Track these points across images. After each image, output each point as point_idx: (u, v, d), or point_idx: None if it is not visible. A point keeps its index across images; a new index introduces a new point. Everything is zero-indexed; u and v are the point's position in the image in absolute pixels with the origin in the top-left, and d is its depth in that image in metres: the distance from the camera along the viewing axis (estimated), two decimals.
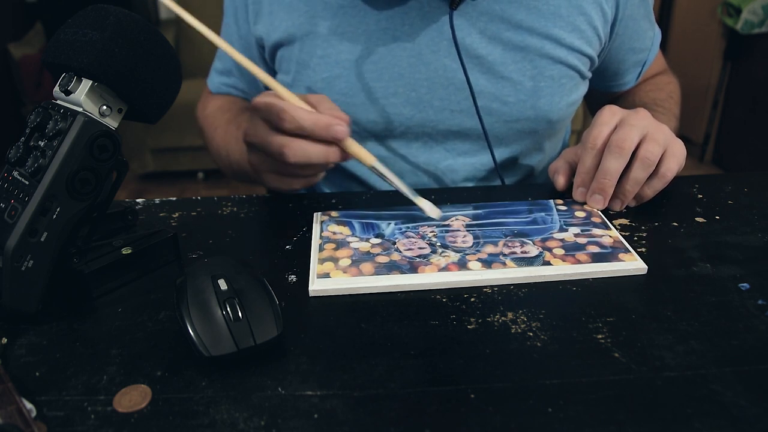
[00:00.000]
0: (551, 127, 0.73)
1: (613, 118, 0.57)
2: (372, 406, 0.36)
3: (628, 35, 0.73)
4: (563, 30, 0.67)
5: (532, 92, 0.69)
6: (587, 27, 0.68)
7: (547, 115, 0.71)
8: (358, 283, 0.47)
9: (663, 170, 0.56)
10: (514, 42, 0.67)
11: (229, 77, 0.83)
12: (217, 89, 0.85)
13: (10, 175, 0.43)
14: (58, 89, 0.43)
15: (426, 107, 0.70)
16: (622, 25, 0.71)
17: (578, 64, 0.70)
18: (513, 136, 0.72)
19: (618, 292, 0.47)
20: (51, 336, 0.43)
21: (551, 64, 0.68)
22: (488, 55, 0.67)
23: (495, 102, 0.69)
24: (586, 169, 0.58)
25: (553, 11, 0.66)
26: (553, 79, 0.69)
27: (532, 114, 0.70)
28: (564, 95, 0.71)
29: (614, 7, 0.69)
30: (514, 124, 0.71)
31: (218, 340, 0.39)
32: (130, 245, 0.49)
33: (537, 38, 0.67)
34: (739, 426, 0.35)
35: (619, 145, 0.55)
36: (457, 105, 0.69)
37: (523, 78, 0.68)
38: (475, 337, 0.42)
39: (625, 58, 0.77)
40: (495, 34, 0.66)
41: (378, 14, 0.67)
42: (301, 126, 0.52)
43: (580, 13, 0.67)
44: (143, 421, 0.36)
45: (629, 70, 0.80)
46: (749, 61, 2.43)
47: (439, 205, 0.59)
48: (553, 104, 0.70)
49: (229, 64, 0.82)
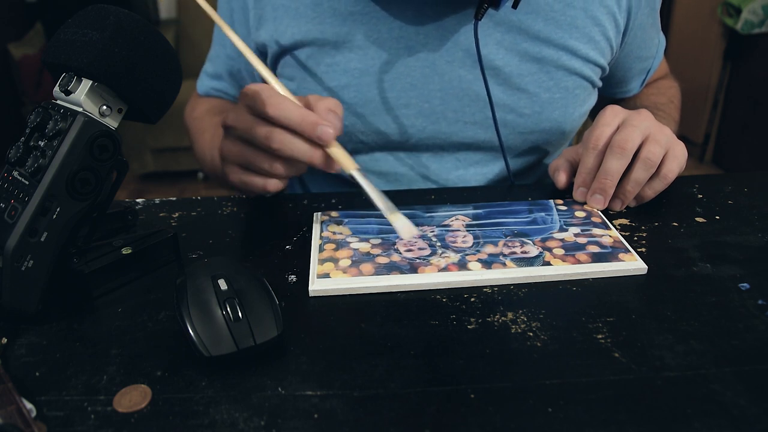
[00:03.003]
0: (563, 138, 0.73)
1: (615, 118, 0.57)
2: (372, 406, 0.36)
3: (636, 44, 0.73)
4: (579, 41, 0.67)
5: (547, 104, 0.68)
6: (601, 38, 0.68)
7: (561, 126, 0.70)
8: (358, 283, 0.47)
9: (664, 171, 0.56)
10: (531, 53, 0.66)
11: (219, 81, 0.81)
12: (207, 92, 0.83)
13: (10, 175, 0.43)
14: (58, 89, 0.43)
15: (439, 119, 0.68)
16: (631, 35, 0.71)
17: (591, 75, 0.70)
18: (526, 147, 0.72)
19: (618, 292, 0.47)
20: (51, 336, 0.43)
21: (566, 76, 0.68)
22: (505, 66, 0.66)
23: (510, 114, 0.68)
24: (588, 169, 0.58)
25: (570, 22, 0.66)
26: (568, 90, 0.69)
27: (547, 125, 0.70)
28: (577, 106, 0.71)
29: (626, 18, 0.69)
30: (528, 135, 0.70)
31: (218, 340, 0.39)
32: (130, 245, 0.49)
33: (554, 49, 0.66)
34: (739, 426, 0.35)
35: (620, 146, 0.55)
36: (471, 117, 0.68)
37: (539, 89, 0.67)
38: (475, 337, 0.42)
39: (632, 66, 0.77)
40: (512, 45, 0.66)
41: (391, 22, 0.65)
42: (288, 117, 0.50)
43: (595, 24, 0.67)
44: (143, 421, 0.36)
45: (635, 78, 0.80)
46: (749, 61, 2.43)
47: (440, 205, 0.59)
48: (567, 115, 0.70)
49: (220, 68, 0.80)
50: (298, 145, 0.50)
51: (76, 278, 0.46)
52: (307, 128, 0.49)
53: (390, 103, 0.67)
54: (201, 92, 0.84)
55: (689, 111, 0.69)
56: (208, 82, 0.83)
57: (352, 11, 0.65)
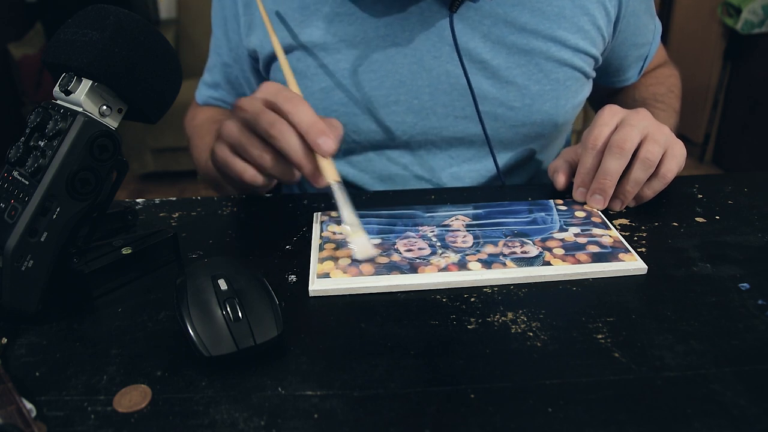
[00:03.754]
0: (556, 130, 0.73)
1: (613, 118, 0.57)
2: (372, 406, 0.36)
3: (631, 31, 0.73)
4: (568, 31, 0.67)
5: (537, 96, 0.68)
6: (591, 27, 0.68)
7: (553, 119, 0.70)
8: (358, 283, 0.47)
9: (663, 171, 0.56)
10: (519, 45, 0.66)
11: (216, 90, 0.82)
12: (205, 102, 0.84)
13: (10, 175, 0.43)
14: (58, 89, 0.43)
15: (429, 114, 0.69)
16: (624, 22, 0.71)
17: (583, 65, 0.69)
18: (519, 140, 0.72)
19: (618, 292, 0.47)
20: (51, 336, 0.43)
21: (557, 67, 0.68)
22: (492, 60, 0.66)
23: (501, 107, 0.68)
24: (587, 170, 0.58)
25: (557, 12, 0.66)
26: (559, 81, 0.68)
27: (539, 118, 0.70)
28: (570, 97, 0.70)
29: (617, 6, 0.69)
30: (520, 128, 0.70)
31: (218, 340, 0.39)
32: (130, 245, 0.49)
33: (542, 41, 0.66)
34: (739, 426, 0.35)
35: (619, 146, 0.55)
36: (462, 111, 0.69)
37: (529, 82, 0.68)
38: (475, 337, 0.42)
39: (627, 54, 0.77)
40: (499, 38, 0.66)
41: (376, 21, 0.66)
42: (301, 117, 0.49)
43: (584, 14, 0.67)
44: (143, 421, 0.36)
45: (632, 66, 0.79)
46: (749, 61, 2.43)
47: (440, 205, 0.59)
48: (559, 107, 0.70)
49: (217, 77, 0.80)
50: (295, 143, 0.50)
51: (76, 278, 0.46)
52: (313, 133, 0.49)
53: (379, 101, 0.68)
54: (200, 102, 0.85)
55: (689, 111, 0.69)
56: (206, 91, 0.83)
57: (338, 12, 0.66)
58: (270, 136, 0.50)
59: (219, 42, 0.77)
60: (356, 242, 0.50)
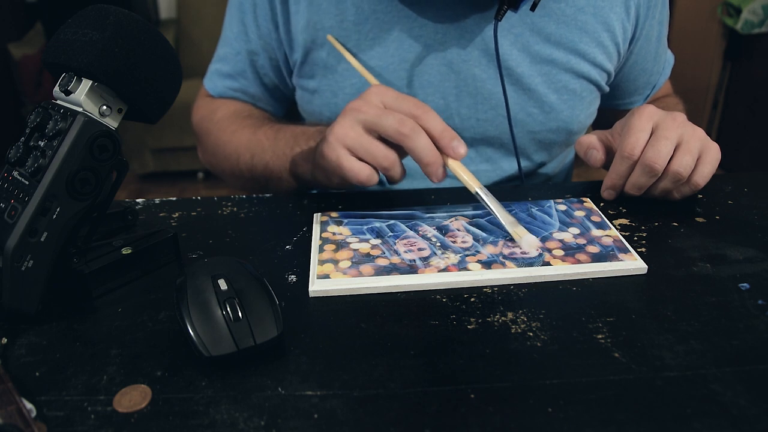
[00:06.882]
0: (569, 138, 0.74)
1: (649, 122, 0.57)
2: (372, 406, 0.36)
3: (642, 55, 0.74)
4: (588, 45, 0.68)
5: (555, 105, 0.70)
6: (610, 43, 0.69)
7: (567, 127, 0.72)
8: (358, 283, 0.47)
9: (695, 179, 0.56)
10: (543, 55, 0.68)
11: (236, 80, 0.78)
12: (222, 93, 0.80)
13: (10, 175, 0.43)
14: (58, 89, 0.43)
15: (453, 115, 0.70)
16: (638, 44, 0.72)
17: (598, 79, 0.71)
18: (533, 146, 0.73)
19: (618, 292, 0.47)
20: (51, 336, 0.43)
21: (574, 78, 0.69)
22: (517, 67, 0.68)
23: (520, 113, 0.70)
24: (619, 175, 0.58)
25: (581, 26, 0.67)
26: (575, 92, 0.70)
27: (554, 126, 0.71)
28: (584, 108, 0.72)
29: (634, 25, 0.70)
30: (535, 135, 0.72)
31: (218, 340, 0.39)
32: (130, 245, 0.49)
33: (564, 52, 0.68)
34: (739, 426, 0.35)
35: (651, 165, 0.55)
36: (484, 114, 0.70)
37: (548, 91, 0.69)
38: (475, 337, 0.42)
39: (636, 78, 0.77)
40: (525, 47, 0.67)
41: (411, 22, 0.67)
42: (433, 122, 0.52)
43: (606, 29, 0.68)
44: (143, 421, 0.36)
45: (638, 90, 0.80)
46: (749, 61, 2.43)
47: (439, 205, 0.59)
48: (574, 117, 0.72)
49: (240, 66, 0.77)
50: (427, 142, 0.52)
51: (76, 278, 0.46)
52: (447, 137, 0.52)
53: None
54: (215, 93, 0.81)
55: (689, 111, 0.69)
56: (222, 81, 0.80)
57: (375, 9, 0.67)
58: (401, 134, 0.52)
59: (245, 29, 0.74)
60: (525, 240, 0.51)
